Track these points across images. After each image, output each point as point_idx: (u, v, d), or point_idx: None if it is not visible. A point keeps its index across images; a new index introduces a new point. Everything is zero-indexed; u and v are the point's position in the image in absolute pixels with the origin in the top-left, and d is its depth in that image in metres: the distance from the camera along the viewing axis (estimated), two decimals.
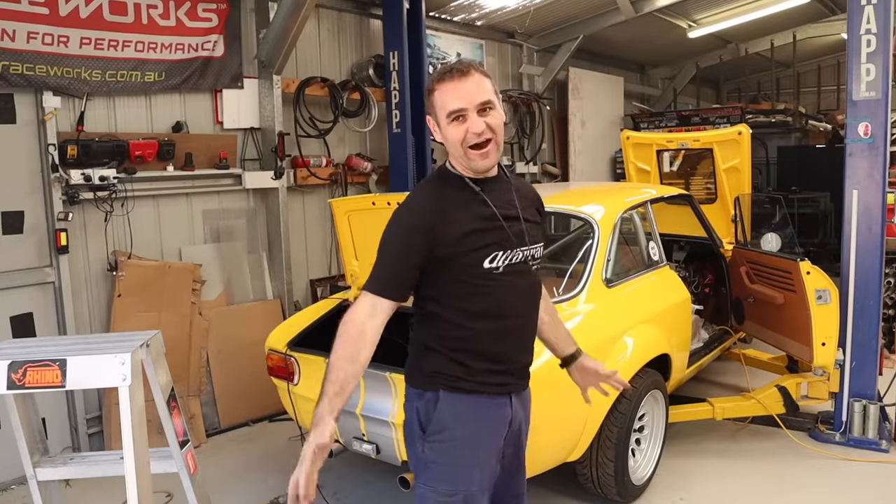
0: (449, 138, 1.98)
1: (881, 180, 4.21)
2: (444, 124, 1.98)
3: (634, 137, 6.15)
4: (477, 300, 2.02)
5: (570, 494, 3.79)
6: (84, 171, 4.31)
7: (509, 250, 2.02)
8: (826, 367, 4.28)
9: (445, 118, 1.96)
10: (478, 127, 1.93)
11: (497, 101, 2.00)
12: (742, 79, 13.32)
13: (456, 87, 1.94)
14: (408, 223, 2.00)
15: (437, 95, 1.98)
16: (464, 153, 1.97)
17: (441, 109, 1.97)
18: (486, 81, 1.97)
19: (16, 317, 4.20)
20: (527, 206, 2.14)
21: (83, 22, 4.32)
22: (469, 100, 1.93)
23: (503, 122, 2.02)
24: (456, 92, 1.94)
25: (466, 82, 1.94)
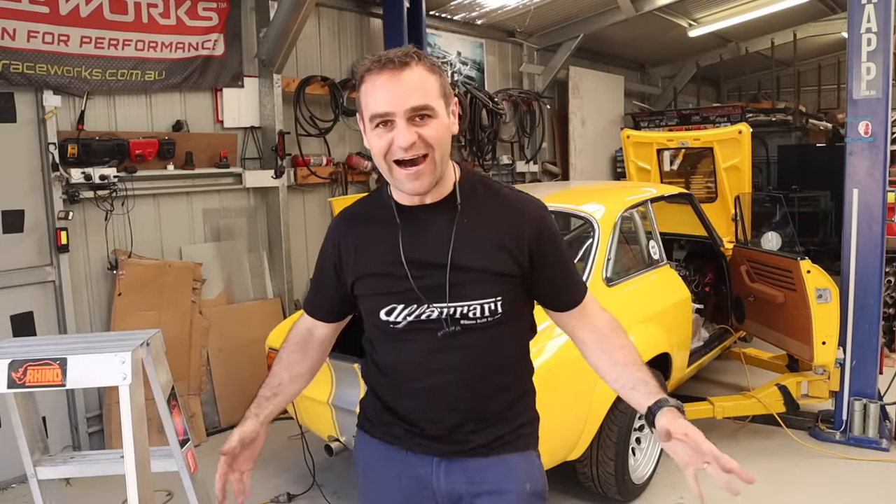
0: (372, 148, 1.54)
1: (881, 179, 4.21)
2: (368, 129, 1.53)
3: (635, 136, 6.16)
4: (382, 350, 1.71)
5: (570, 493, 3.79)
6: (84, 170, 4.31)
7: (414, 305, 1.59)
8: (826, 366, 4.29)
9: (368, 122, 1.52)
10: (404, 139, 1.46)
11: (441, 108, 1.51)
12: (742, 77, 13.32)
13: (385, 83, 1.47)
14: (323, 246, 1.77)
15: (363, 90, 1.53)
16: (388, 169, 1.53)
17: (365, 110, 1.53)
18: (429, 79, 1.50)
19: (16, 315, 4.20)
20: (483, 246, 1.59)
21: (83, 21, 4.32)
22: (398, 102, 1.46)
23: (450, 134, 1.55)
24: (384, 90, 1.48)
25: (400, 79, 1.47)
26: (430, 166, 1.51)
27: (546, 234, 1.65)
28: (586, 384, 3.38)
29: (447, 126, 1.53)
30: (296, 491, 3.97)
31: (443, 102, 1.52)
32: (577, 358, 3.45)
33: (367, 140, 1.55)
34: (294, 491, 3.97)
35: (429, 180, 1.52)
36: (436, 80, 1.52)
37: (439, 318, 1.59)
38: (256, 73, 5.41)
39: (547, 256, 1.65)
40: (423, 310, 1.58)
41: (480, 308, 1.58)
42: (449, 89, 1.56)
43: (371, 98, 1.50)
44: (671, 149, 6.09)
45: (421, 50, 1.54)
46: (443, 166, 1.54)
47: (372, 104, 1.50)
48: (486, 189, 1.66)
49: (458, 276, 1.56)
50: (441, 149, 1.51)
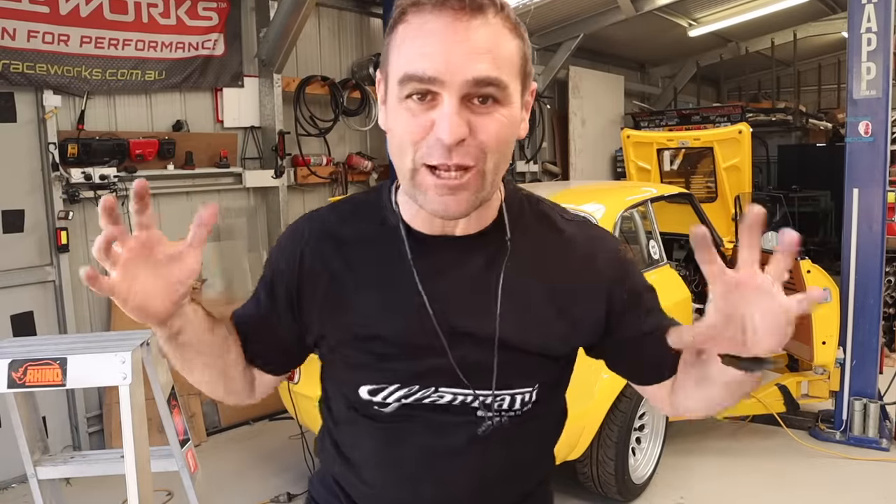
0: (393, 130, 0.97)
1: (882, 179, 4.21)
2: (393, 99, 0.96)
3: (635, 136, 6.15)
4: (352, 438, 1.15)
5: (570, 493, 3.79)
6: (84, 170, 4.31)
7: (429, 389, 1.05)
8: (826, 366, 4.29)
9: (398, 85, 0.93)
10: (450, 129, 0.90)
11: (516, 91, 0.96)
12: (742, 77, 13.31)
13: (443, 29, 0.91)
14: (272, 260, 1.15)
15: (398, 34, 0.95)
16: (411, 170, 0.95)
17: (394, 65, 0.95)
18: (510, 43, 0.95)
19: (16, 315, 4.20)
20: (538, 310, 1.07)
21: (83, 21, 4.32)
22: (456, 64, 0.89)
23: (516, 137, 0.99)
24: (437, 39, 0.90)
25: (468, 29, 0.91)
26: (476, 181, 0.94)
27: (631, 285, 1.15)
28: (586, 384, 3.38)
29: (517, 123, 0.98)
30: (296, 491, 3.97)
31: (519, 84, 0.97)
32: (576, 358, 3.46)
33: (386, 116, 0.99)
34: (294, 491, 3.97)
35: (470, 202, 0.96)
36: (517, 47, 0.96)
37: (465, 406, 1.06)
38: (256, 72, 5.41)
39: (634, 321, 1.13)
40: (437, 394, 1.06)
41: (511, 399, 1.08)
42: (531, 67, 1.01)
43: (411, 48, 0.92)
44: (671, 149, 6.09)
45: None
46: (494, 185, 0.99)
47: (410, 58, 0.92)
48: (540, 217, 1.13)
49: (505, 353, 1.04)
50: (500, 158, 0.96)
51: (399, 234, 1.06)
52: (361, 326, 1.06)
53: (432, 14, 0.91)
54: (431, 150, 0.92)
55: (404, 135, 0.94)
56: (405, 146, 0.94)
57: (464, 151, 0.92)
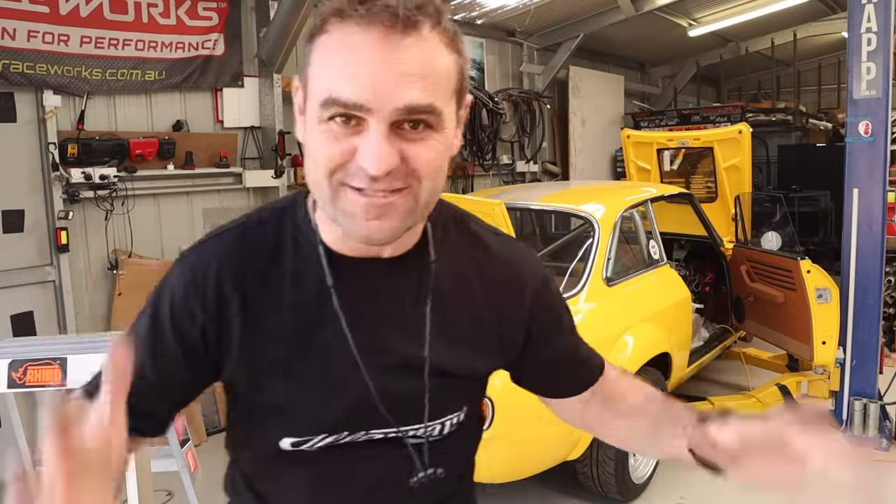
0: (311, 151, 0.85)
1: (882, 179, 4.21)
2: (313, 117, 0.84)
3: (635, 136, 6.15)
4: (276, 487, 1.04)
5: (570, 493, 3.79)
6: (84, 170, 4.31)
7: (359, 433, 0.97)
8: (826, 366, 4.28)
9: (320, 107, 0.82)
10: (378, 160, 0.80)
11: (451, 114, 0.87)
12: (742, 77, 13.31)
13: (371, 46, 0.79)
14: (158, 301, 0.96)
15: (320, 46, 0.83)
16: (331, 193, 0.85)
17: (314, 83, 0.84)
18: (445, 60, 0.85)
19: (16, 315, 4.20)
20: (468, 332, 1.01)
21: (83, 21, 4.32)
22: (384, 90, 0.79)
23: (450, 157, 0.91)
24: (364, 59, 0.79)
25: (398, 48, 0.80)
26: (408, 202, 0.85)
27: (552, 306, 1.11)
28: None
29: (451, 146, 0.90)
30: None
31: (454, 103, 0.88)
32: None
33: (304, 131, 0.88)
34: None
35: (399, 227, 0.87)
36: (454, 63, 0.86)
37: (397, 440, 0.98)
38: (256, 72, 5.41)
39: (555, 342, 1.11)
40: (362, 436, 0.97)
41: (441, 426, 1.01)
42: (467, 81, 0.91)
43: (334, 65, 0.81)
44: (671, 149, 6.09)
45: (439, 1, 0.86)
46: (426, 213, 0.92)
47: (333, 78, 0.80)
48: (466, 236, 1.04)
49: (435, 380, 0.97)
50: (434, 186, 0.88)
51: (319, 255, 0.94)
52: (278, 368, 0.94)
53: (359, 27, 0.79)
54: (352, 174, 0.82)
55: (324, 159, 0.83)
56: (323, 171, 0.84)
57: (392, 178, 0.82)
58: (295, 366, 0.94)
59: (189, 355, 0.94)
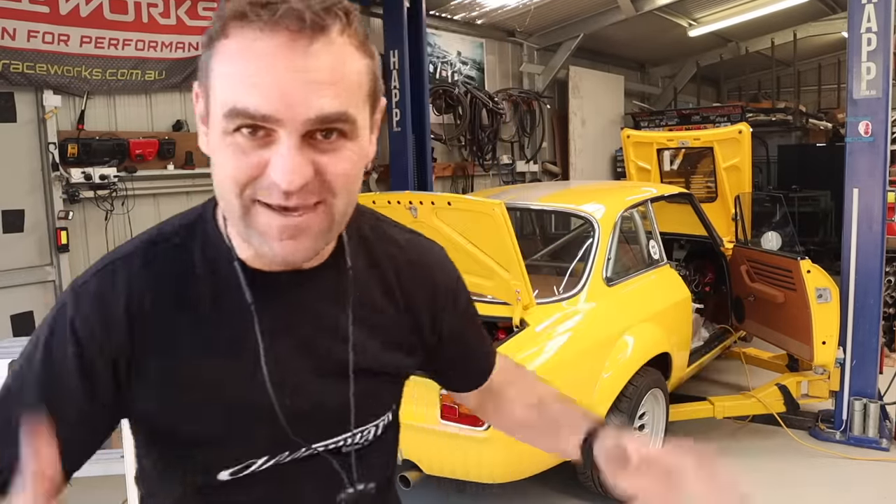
0: (216, 163, 0.80)
1: (882, 179, 4.20)
2: (217, 129, 0.79)
3: (635, 136, 6.15)
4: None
5: (570, 493, 3.79)
6: (84, 170, 4.32)
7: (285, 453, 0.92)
8: (826, 366, 4.28)
9: (223, 118, 0.77)
10: (293, 173, 0.75)
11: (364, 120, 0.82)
12: (742, 77, 13.31)
13: (277, 46, 0.74)
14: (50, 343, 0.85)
15: (223, 50, 0.77)
16: (241, 210, 0.79)
17: (218, 91, 0.79)
18: (358, 62, 0.81)
19: (16, 315, 4.20)
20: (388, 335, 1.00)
21: (83, 20, 4.32)
22: (294, 101, 0.74)
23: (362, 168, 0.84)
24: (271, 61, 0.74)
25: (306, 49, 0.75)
26: (324, 220, 0.81)
27: (463, 303, 1.11)
28: (586, 384, 3.38)
29: (366, 153, 0.84)
30: None
31: (368, 109, 0.83)
32: (576, 358, 3.46)
33: (207, 142, 0.83)
34: None
35: (314, 247, 0.83)
36: (367, 68, 0.83)
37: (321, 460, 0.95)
38: None
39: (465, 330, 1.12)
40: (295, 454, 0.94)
41: (369, 432, 1.00)
42: (380, 84, 0.87)
43: (237, 74, 0.75)
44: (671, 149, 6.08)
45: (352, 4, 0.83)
46: (343, 221, 0.85)
47: (236, 88, 0.75)
48: (379, 238, 1.01)
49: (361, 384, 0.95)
50: (349, 197, 0.83)
51: (235, 276, 0.87)
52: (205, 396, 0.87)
53: (262, 32, 0.73)
54: (264, 189, 0.77)
55: (231, 175, 0.77)
56: (231, 186, 0.78)
57: (307, 192, 0.77)
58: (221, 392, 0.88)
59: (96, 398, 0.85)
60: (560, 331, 3.37)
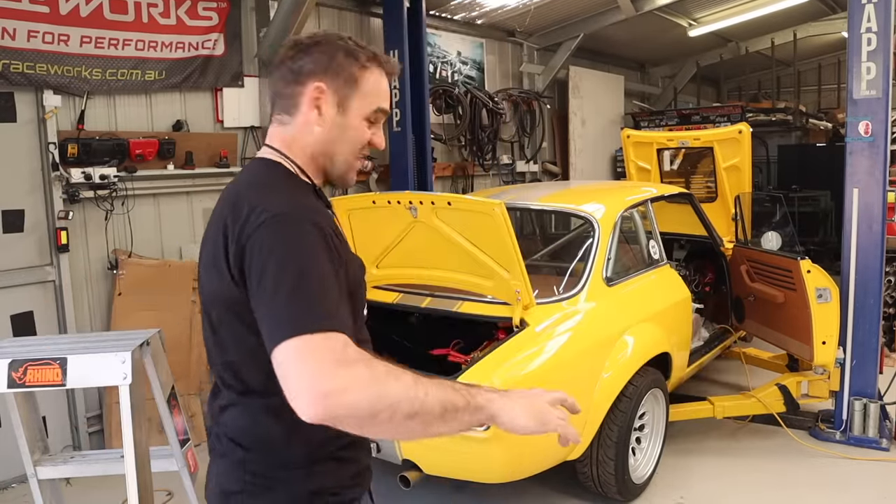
0: (355, 135, 1.47)
1: (882, 179, 4.21)
2: (358, 115, 1.46)
3: (635, 136, 6.15)
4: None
5: (570, 493, 3.79)
6: (84, 170, 4.31)
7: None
8: (826, 366, 4.28)
9: (370, 111, 1.47)
10: (383, 142, 1.53)
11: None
12: (742, 77, 13.32)
13: (389, 83, 1.53)
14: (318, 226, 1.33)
15: (372, 77, 1.47)
16: (351, 161, 1.49)
17: (370, 97, 1.46)
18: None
19: (16, 315, 4.20)
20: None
21: (83, 20, 4.32)
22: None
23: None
24: (388, 90, 1.53)
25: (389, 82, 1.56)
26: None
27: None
28: (586, 384, 3.38)
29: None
30: None
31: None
32: (576, 358, 3.46)
33: (341, 121, 1.45)
34: None
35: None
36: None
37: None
38: (256, 72, 5.41)
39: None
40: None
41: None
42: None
43: (381, 90, 1.49)
44: (671, 148, 6.08)
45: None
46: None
47: (382, 98, 1.49)
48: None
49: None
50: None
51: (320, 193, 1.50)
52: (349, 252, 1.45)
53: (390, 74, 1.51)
54: (365, 149, 1.50)
55: (359, 138, 1.48)
56: (356, 143, 1.48)
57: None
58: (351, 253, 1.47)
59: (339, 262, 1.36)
60: (560, 331, 3.38)
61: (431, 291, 3.65)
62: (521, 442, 3.15)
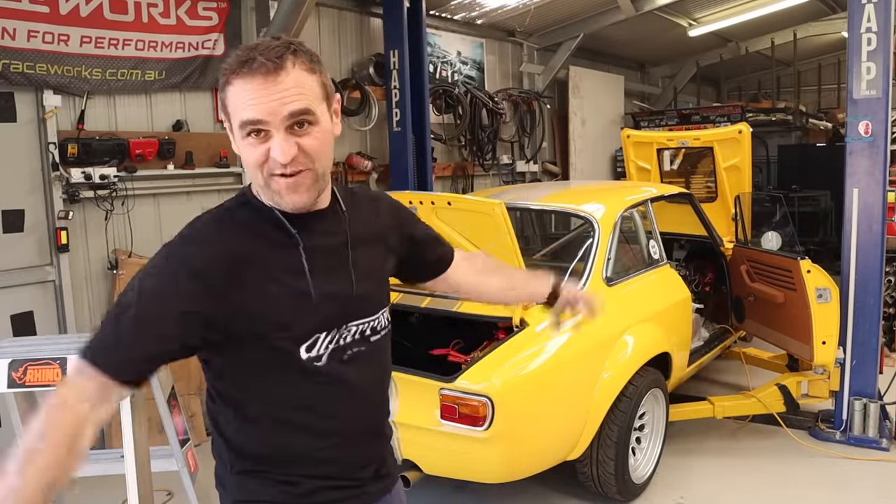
0: (244, 158, 1.33)
1: (882, 179, 4.21)
2: (238, 137, 1.32)
3: (635, 136, 6.15)
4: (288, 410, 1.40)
5: (570, 493, 3.79)
6: (84, 170, 4.31)
7: (334, 329, 1.41)
8: (826, 366, 4.28)
9: (238, 129, 1.30)
10: (283, 154, 1.27)
11: (323, 111, 1.34)
12: (742, 77, 13.32)
13: (257, 86, 1.26)
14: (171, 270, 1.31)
15: (231, 92, 1.29)
16: (264, 182, 1.32)
17: (234, 114, 1.30)
18: (309, 79, 1.31)
19: (16, 315, 4.20)
20: (372, 241, 1.53)
21: (83, 20, 4.32)
22: (273, 110, 1.26)
23: (333, 140, 1.39)
24: (256, 94, 1.26)
25: (275, 82, 1.26)
26: (309, 178, 1.33)
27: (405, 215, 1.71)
28: (586, 384, 3.38)
29: (330, 131, 1.36)
30: None
31: (325, 104, 1.34)
32: (576, 358, 3.47)
33: (236, 146, 1.34)
34: None
35: (312, 192, 1.35)
36: (316, 81, 1.32)
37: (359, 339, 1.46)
38: None
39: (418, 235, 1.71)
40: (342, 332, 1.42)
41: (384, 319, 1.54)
42: (331, 87, 1.38)
43: (240, 101, 1.28)
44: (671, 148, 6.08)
45: (295, 41, 1.32)
46: (326, 179, 1.39)
47: (241, 109, 1.28)
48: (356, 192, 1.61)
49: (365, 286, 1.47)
50: (325, 159, 1.36)
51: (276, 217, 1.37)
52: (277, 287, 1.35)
53: (250, 79, 1.27)
54: (274, 167, 1.30)
55: (252, 162, 1.31)
56: (254, 168, 1.32)
57: (296, 162, 1.30)
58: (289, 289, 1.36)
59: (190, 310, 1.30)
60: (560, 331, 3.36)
61: (431, 291, 3.65)
62: (522, 442, 3.15)
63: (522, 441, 3.14)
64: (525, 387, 3.12)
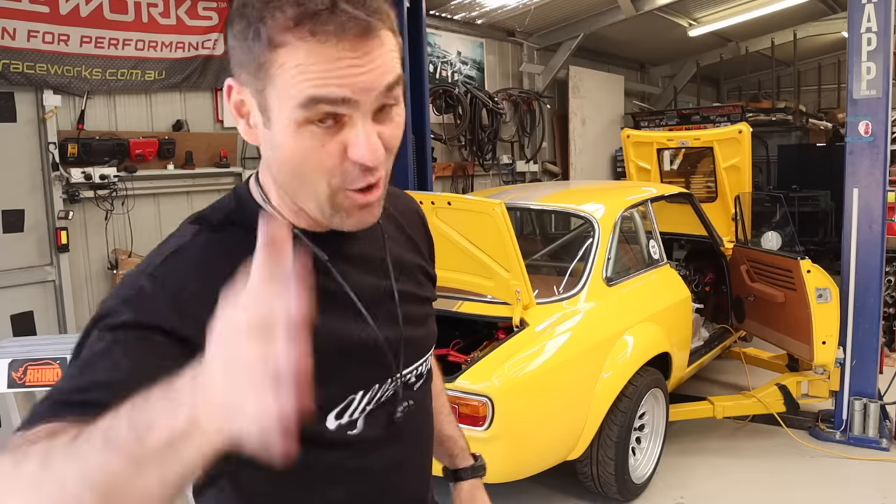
0: (296, 158, 0.85)
1: (882, 179, 4.21)
2: (284, 120, 0.83)
3: (635, 136, 6.15)
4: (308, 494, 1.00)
5: (570, 493, 3.79)
6: (84, 170, 4.32)
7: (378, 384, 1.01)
8: (826, 366, 4.28)
9: (295, 107, 0.81)
10: (372, 149, 0.84)
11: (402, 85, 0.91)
12: (742, 77, 13.30)
13: (344, 50, 0.80)
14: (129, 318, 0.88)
15: (285, 55, 0.81)
16: (327, 198, 0.88)
17: (288, 87, 0.81)
18: (391, 40, 0.87)
19: (16, 315, 4.20)
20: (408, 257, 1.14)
21: (83, 20, 4.32)
22: (367, 84, 0.83)
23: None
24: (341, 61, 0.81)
25: (368, 44, 0.82)
26: (384, 186, 0.91)
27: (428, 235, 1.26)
28: (586, 384, 3.38)
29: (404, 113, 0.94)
30: None
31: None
32: (576, 358, 3.46)
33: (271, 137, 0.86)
34: None
35: (378, 210, 0.92)
36: (398, 44, 0.90)
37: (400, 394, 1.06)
38: None
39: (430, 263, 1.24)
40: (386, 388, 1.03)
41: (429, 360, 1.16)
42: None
43: (309, 69, 0.80)
44: (671, 148, 6.08)
45: None
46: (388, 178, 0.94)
47: (312, 80, 0.80)
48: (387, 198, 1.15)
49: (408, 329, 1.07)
50: (393, 156, 0.93)
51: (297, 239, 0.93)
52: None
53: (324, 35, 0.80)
54: (352, 176, 0.85)
55: (312, 164, 0.84)
56: (313, 174, 0.86)
57: (380, 164, 0.86)
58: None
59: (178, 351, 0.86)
60: (560, 331, 3.38)
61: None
62: (522, 442, 3.15)
63: (522, 441, 3.14)
64: (525, 387, 3.12)
